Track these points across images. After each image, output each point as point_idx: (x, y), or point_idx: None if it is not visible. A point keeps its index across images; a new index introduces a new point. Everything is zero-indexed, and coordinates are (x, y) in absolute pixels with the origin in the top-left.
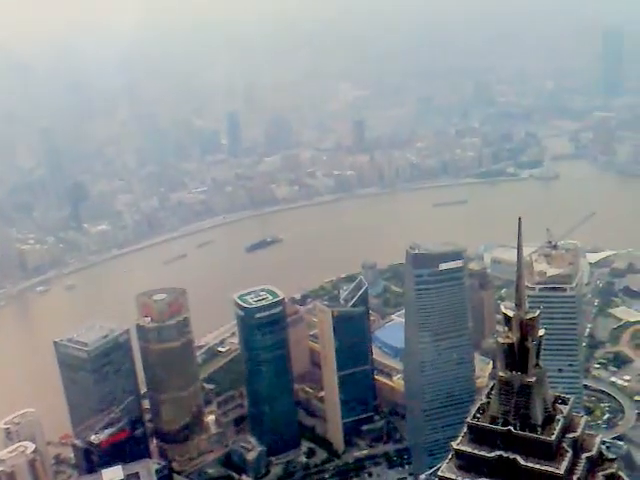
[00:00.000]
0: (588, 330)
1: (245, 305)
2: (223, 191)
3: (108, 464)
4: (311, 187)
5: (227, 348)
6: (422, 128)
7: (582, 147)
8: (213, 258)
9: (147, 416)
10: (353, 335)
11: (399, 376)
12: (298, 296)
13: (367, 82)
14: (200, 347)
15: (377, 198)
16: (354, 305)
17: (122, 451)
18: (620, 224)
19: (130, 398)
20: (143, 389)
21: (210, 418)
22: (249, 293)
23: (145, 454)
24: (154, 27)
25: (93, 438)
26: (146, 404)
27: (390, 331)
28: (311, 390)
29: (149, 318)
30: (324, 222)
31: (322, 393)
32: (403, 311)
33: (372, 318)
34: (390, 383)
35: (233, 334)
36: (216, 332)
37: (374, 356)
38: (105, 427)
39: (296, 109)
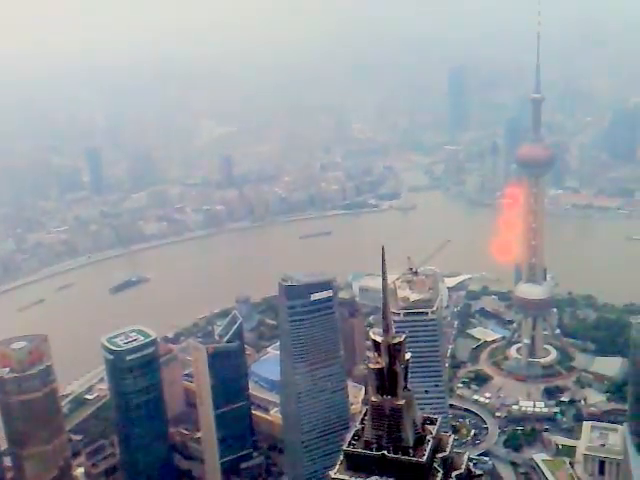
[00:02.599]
0: (450, 351)
1: (114, 348)
2: (87, 230)
3: None
4: (181, 223)
5: (95, 395)
6: (288, 163)
7: (435, 179)
8: (75, 301)
9: (9, 474)
10: (229, 371)
11: (276, 409)
12: (171, 335)
13: (233, 118)
14: (65, 396)
15: (248, 232)
16: (229, 340)
17: None
18: (472, 249)
19: None
20: (3, 445)
21: (79, 471)
22: (118, 335)
23: None
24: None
25: None
26: (8, 461)
27: (266, 364)
28: (187, 432)
29: (7, 369)
30: (195, 258)
31: (198, 434)
32: (278, 343)
33: (248, 352)
34: (268, 417)
35: (102, 379)
36: (83, 379)
37: (251, 391)
38: None
39: (162, 145)
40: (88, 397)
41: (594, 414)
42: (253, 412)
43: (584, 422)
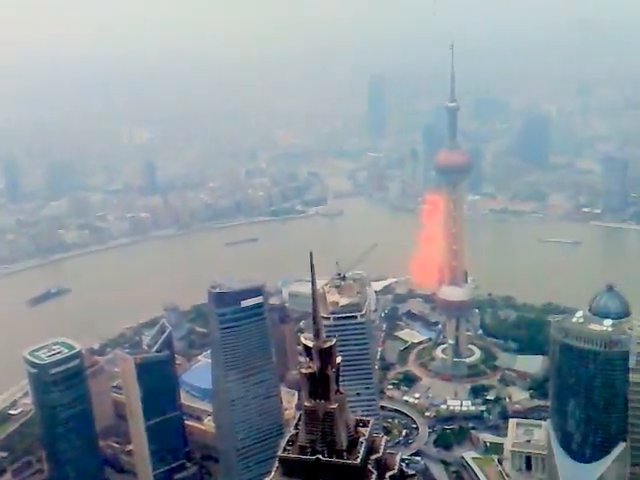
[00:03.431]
0: (379, 353)
1: (37, 361)
2: (3, 239)
3: None
4: (103, 231)
5: (20, 410)
6: (213, 169)
7: (359, 185)
8: None
9: None
10: (159, 381)
11: (209, 418)
12: (96, 346)
13: (156, 124)
14: None
15: (173, 239)
16: (158, 350)
17: None
18: (397, 253)
19: None
20: None
21: None
22: (41, 348)
23: None
24: None
25: None
26: None
27: (197, 373)
28: (117, 445)
29: None
30: (119, 266)
31: (130, 446)
32: (209, 351)
33: (178, 362)
34: (201, 426)
35: (26, 394)
36: (6, 394)
37: (183, 401)
38: None
39: (81, 152)
40: (12, 412)
41: (519, 411)
42: (185, 422)
43: (510, 419)
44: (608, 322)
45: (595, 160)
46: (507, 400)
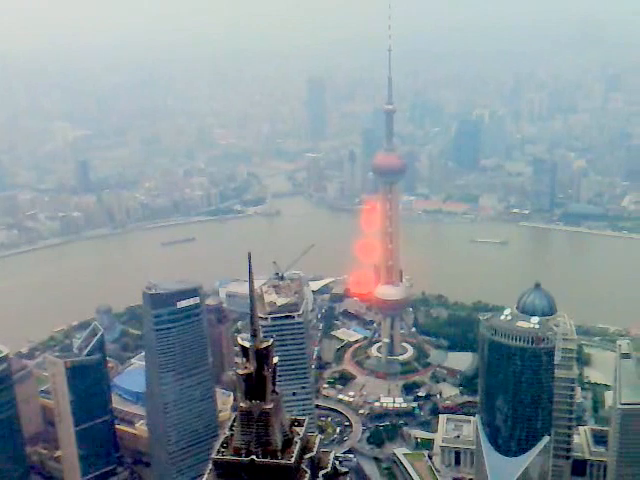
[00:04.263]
0: (316, 353)
1: None
2: None
3: None
4: (33, 230)
5: None
6: (149, 168)
7: (298, 185)
8: None
9: None
10: (90, 385)
11: (142, 422)
12: (25, 350)
13: (88, 122)
14: None
15: (108, 239)
16: (89, 353)
17: None
18: (335, 253)
19: None
20: None
21: None
22: None
23: None
24: None
25: None
26: None
27: (130, 376)
28: (46, 451)
29: None
30: (50, 267)
31: (59, 452)
32: (143, 354)
33: (110, 365)
34: (133, 431)
35: None
36: None
37: (115, 405)
38: None
39: (9, 149)
40: None
41: (449, 407)
42: (117, 426)
43: (440, 415)
44: (535, 319)
45: (525, 162)
46: (438, 396)
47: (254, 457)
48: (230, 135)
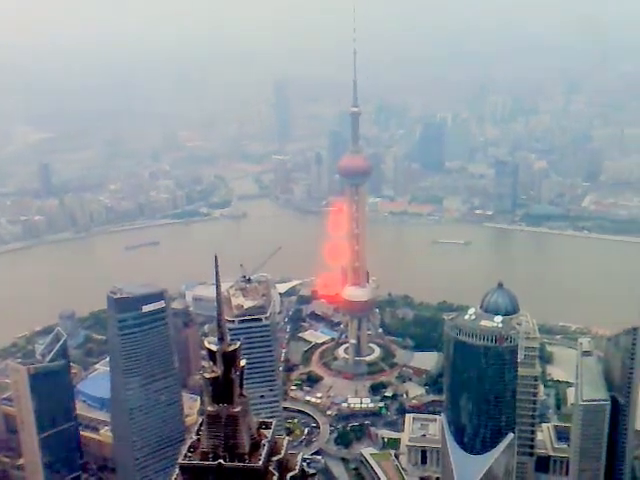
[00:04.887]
0: (283, 355)
1: None
2: None
3: None
4: None
5: None
6: (114, 171)
7: (264, 187)
8: None
9: None
10: (53, 392)
11: (107, 428)
12: None
13: (50, 124)
14: None
15: (70, 243)
16: (52, 359)
17: None
18: (302, 256)
19: None
20: None
21: None
22: None
23: None
24: None
25: None
26: None
27: (94, 382)
28: (8, 459)
29: None
30: (11, 272)
31: (21, 460)
32: (108, 359)
33: (74, 371)
34: (98, 437)
35: None
36: None
37: (79, 411)
38: None
39: None
40: None
41: (415, 406)
42: (82, 433)
43: (406, 415)
44: (498, 318)
45: (487, 164)
46: (404, 396)
47: (221, 461)
48: (196, 137)
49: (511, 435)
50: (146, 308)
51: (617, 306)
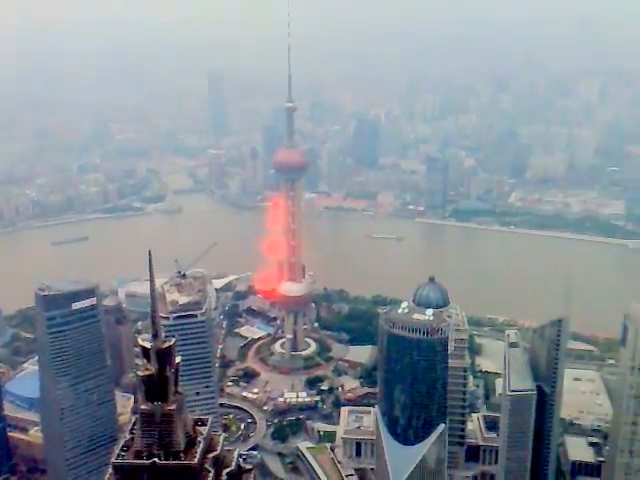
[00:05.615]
0: (219, 351)
1: None
2: None
3: None
4: None
5: None
6: (41, 164)
7: (199, 182)
8: None
9: None
10: None
11: (36, 429)
12: None
13: None
14: None
15: None
16: None
17: None
18: (238, 250)
19: None
20: None
21: None
22: None
23: None
24: None
25: None
26: None
27: (23, 382)
28: None
29: None
30: None
31: None
32: (36, 358)
33: (1, 370)
34: (27, 438)
35: None
36: None
37: (6, 412)
38: None
39: None
40: None
41: (350, 399)
42: (10, 434)
43: (342, 408)
44: (430, 312)
45: (419, 161)
46: (340, 389)
47: (156, 459)
48: (128, 130)
49: (442, 425)
50: (76, 305)
51: (542, 299)
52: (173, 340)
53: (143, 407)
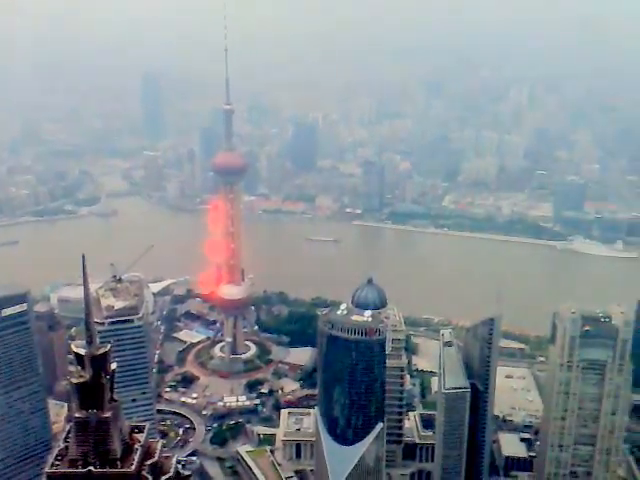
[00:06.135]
0: (157, 356)
1: None
2: None
3: None
4: None
5: None
6: None
7: (135, 184)
8: None
9: None
10: None
11: None
12: None
13: None
14: None
15: None
16: None
17: None
18: (176, 254)
19: None
20: None
21: None
22: None
23: None
24: None
25: None
26: None
27: None
28: None
29: None
30: None
31: None
32: None
33: None
34: None
35: None
36: None
37: None
38: None
39: None
40: None
41: (290, 401)
42: None
43: (282, 410)
44: (368, 313)
45: (356, 164)
46: (280, 392)
47: (92, 468)
48: (60, 130)
49: (380, 424)
50: (6, 311)
51: (475, 298)
52: (108, 346)
53: (77, 415)
